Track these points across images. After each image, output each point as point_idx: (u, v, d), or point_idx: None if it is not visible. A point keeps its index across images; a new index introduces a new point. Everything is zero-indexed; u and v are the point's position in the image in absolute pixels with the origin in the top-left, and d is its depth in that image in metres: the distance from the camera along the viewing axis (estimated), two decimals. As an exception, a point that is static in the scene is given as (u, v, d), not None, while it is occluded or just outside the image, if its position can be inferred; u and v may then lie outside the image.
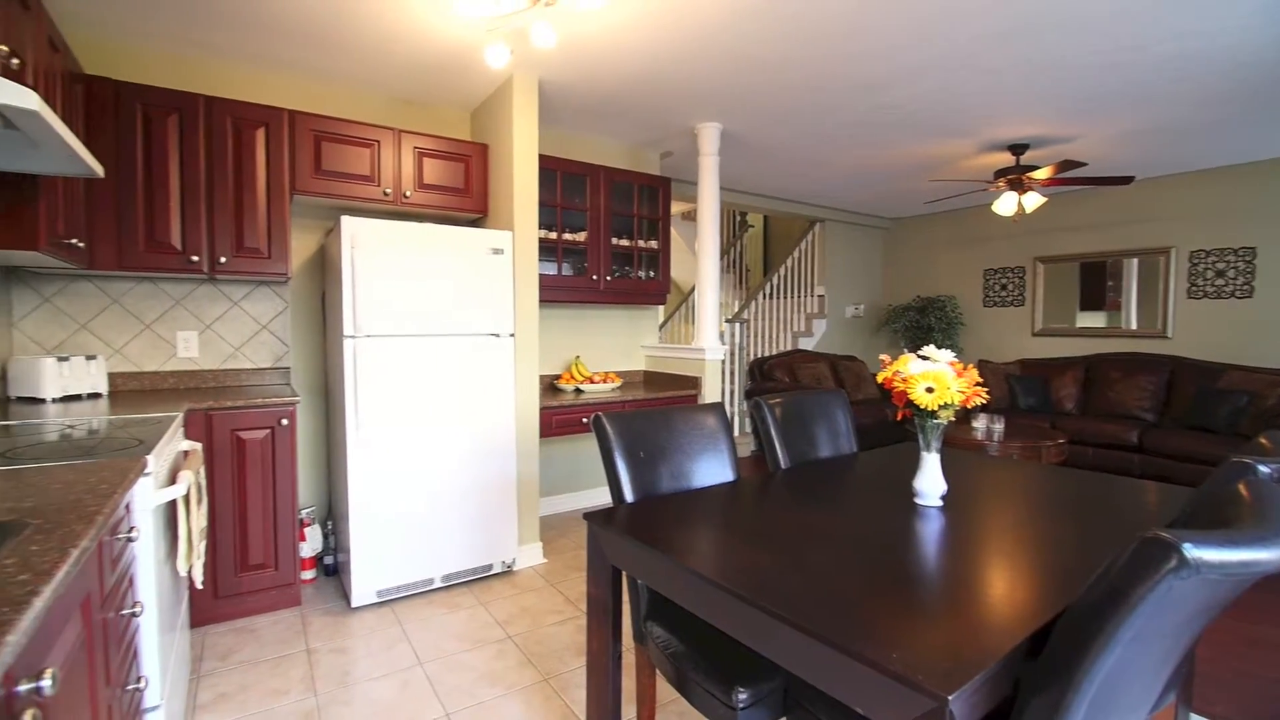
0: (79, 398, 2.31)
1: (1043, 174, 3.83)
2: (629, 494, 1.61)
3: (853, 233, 6.57)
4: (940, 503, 1.49)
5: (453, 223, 3.28)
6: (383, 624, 2.41)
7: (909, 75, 2.92)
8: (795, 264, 6.34)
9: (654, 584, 1.29)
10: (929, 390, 1.37)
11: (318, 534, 2.87)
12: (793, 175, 4.88)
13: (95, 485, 1.12)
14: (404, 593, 2.61)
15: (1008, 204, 4.15)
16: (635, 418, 1.72)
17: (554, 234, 3.46)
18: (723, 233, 7.08)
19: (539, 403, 3.06)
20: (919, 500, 1.50)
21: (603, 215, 3.62)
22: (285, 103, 2.93)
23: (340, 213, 3.01)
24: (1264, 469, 1.15)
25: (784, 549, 1.22)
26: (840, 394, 2.25)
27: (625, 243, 3.78)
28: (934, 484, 1.47)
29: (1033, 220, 5.57)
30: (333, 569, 2.90)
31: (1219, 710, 1.90)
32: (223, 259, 2.52)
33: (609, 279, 3.67)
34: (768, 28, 2.46)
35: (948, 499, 1.52)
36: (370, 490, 2.50)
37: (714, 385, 3.60)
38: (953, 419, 1.43)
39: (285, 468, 2.47)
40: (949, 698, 0.73)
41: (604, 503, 4.00)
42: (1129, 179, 3.89)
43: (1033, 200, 4.15)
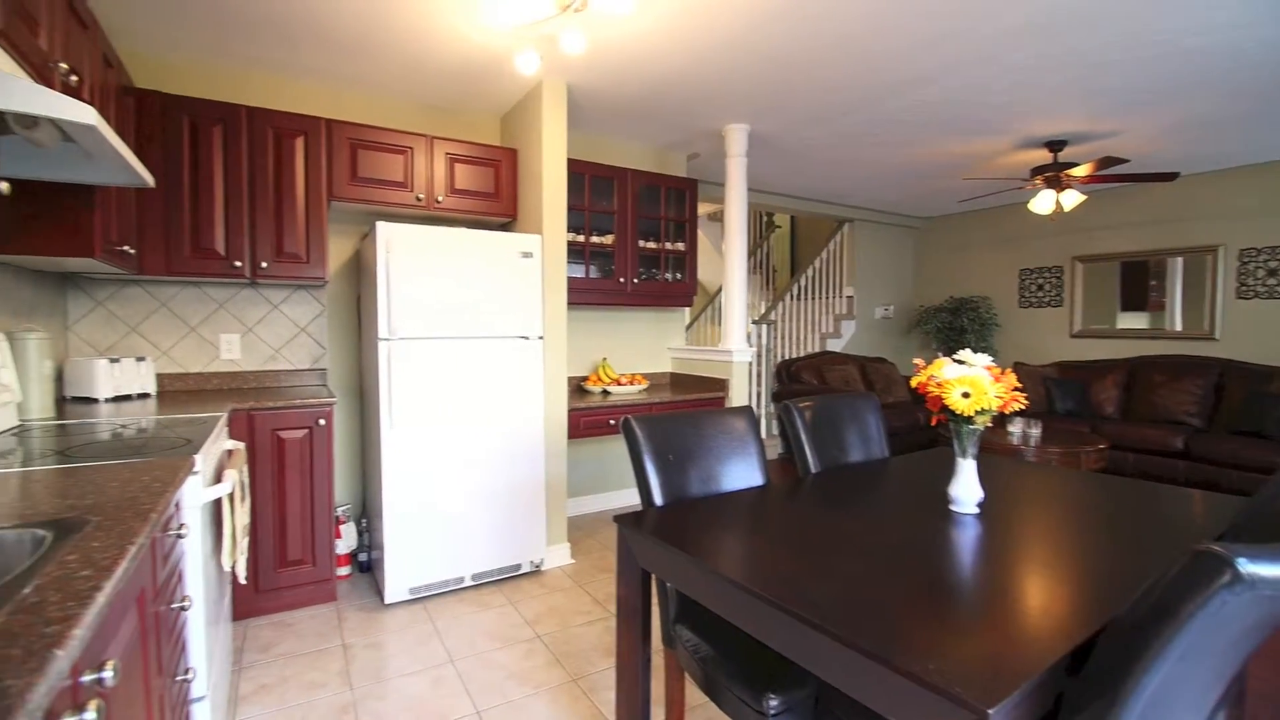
0: (129, 397, 2.41)
1: (1082, 171, 3.72)
2: (658, 497, 1.62)
3: (882, 232, 6.47)
4: (977, 510, 1.46)
5: (483, 226, 3.33)
6: (415, 621, 2.46)
7: (941, 72, 2.86)
8: (823, 265, 6.27)
9: (685, 588, 1.29)
10: (965, 395, 1.34)
11: (352, 531, 2.94)
12: (821, 175, 4.83)
13: (149, 484, 1.17)
14: (436, 590, 2.65)
15: (1045, 202, 4.04)
16: (664, 421, 1.72)
17: (581, 237, 3.48)
18: (749, 233, 7.04)
19: (567, 404, 3.08)
20: (954, 507, 1.47)
21: (630, 218, 3.63)
22: (322, 111, 3.02)
23: (374, 218, 3.09)
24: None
25: (817, 555, 1.21)
26: (871, 397, 2.22)
27: (652, 245, 3.78)
28: (970, 491, 1.44)
29: (1071, 218, 5.40)
30: (367, 566, 2.97)
31: (1273, 730, 1.82)
32: (264, 264, 2.60)
33: (636, 281, 3.68)
34: (796, 27, 2.45)
35: (984, 506, 1.49)
36: (403, 489, 2.55)
37: (741, 387, 3.58)
38: (989, 424, 1.40)
39: (322, 466, 2.54)
40: (989, 711, 0.72)
41: (630, 504, 4.01)
42: (1173, 175, 3.76)
43: (1071, 198, 4.03)
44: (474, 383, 2.70)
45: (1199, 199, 4.73)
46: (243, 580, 1.84)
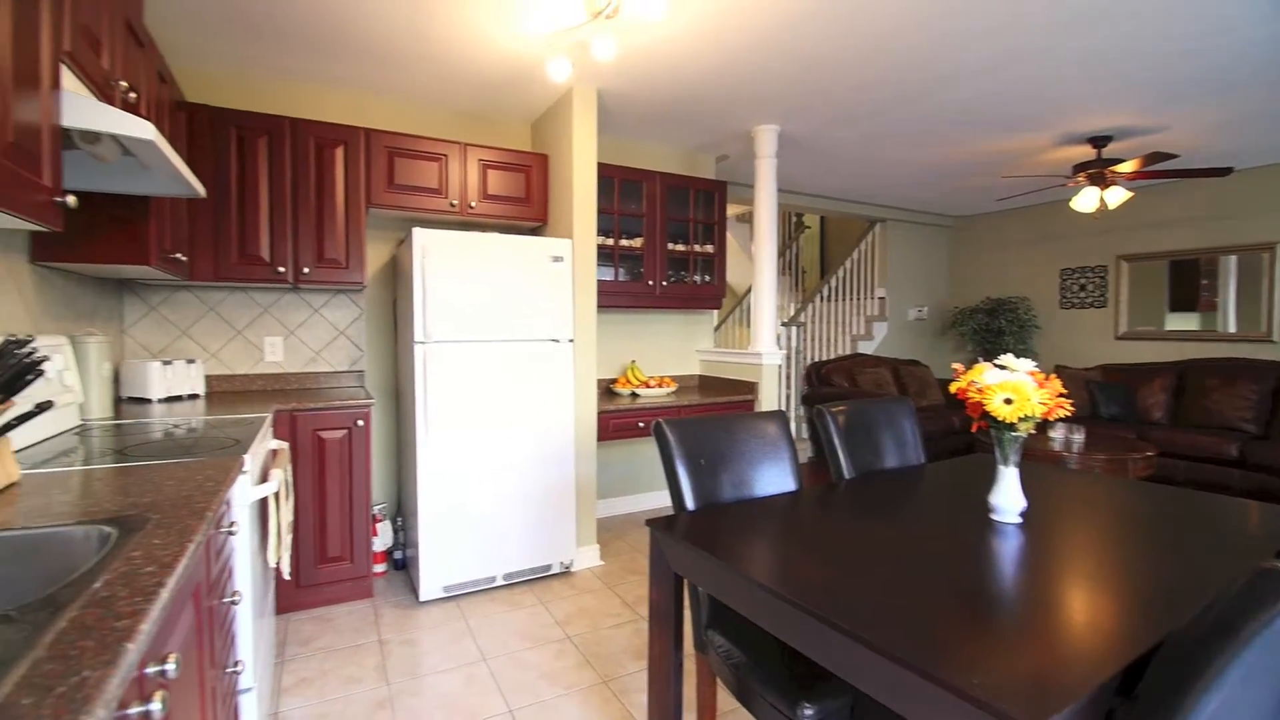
0: (180, 398, 2.51)
1: (1128, 167, 3.59)
2: (690, 501, 1.62)
3: (916, 232, 6.34)
4: (1019, 519, 1.42)
5: (514, 231, 3.37)
6: (449, 619, 2.50)
7: (979, 69, 2.80)
8: (854, 265, 6.17)
9: (718, 594, 1.29)
10: (1007, 402, 1.31)
11: (388, 529, 3.01)
12: (853, 175, 4.76)
13: (202, 483, 1.22)
14: (468, 589, 2.70)
15: (1088, 200, 3.91)
16: (696, 424, 1.72)
17: (611, 240, 3.50)
18: (779, 234, 6.97)
19: (596, 406, 3.10)
20: (996, 516, 1.43)
21: (658, 220, 3.64)
22: (359, 120, 3.10)
23: (409, 224, 3.16)
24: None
25: (853, 563, 1.20)
26: (906, 402, 2.18)
27: (681, 247, 3.78)
28: (1012, 499, 1.40)
29: (1116, 216, 5.21)
30: (402, 563, 3.03)
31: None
32: (306, 269, 2.69)
33: (664, 284, 3.69)
34: (828, 27, 2.42)
35: (1027, 515, 1.45)
36: (438, 489, 2.60)
37: (771, 390, 3.55)
38: (1032, 431, 1.37)
39: (361, 466, 2.60)
40: (1037, 729, 0.70)
41: (658, 506, 4.02)
42: (1227, 170, 3.60)
43: (1116, 195, 3.89)
44: (505, 385, 2.74)
45: (1254, 194, 4.51)
46: (286, 576, 1.90)
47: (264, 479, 1.76)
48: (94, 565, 0.80)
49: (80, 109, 1.25)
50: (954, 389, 1.42)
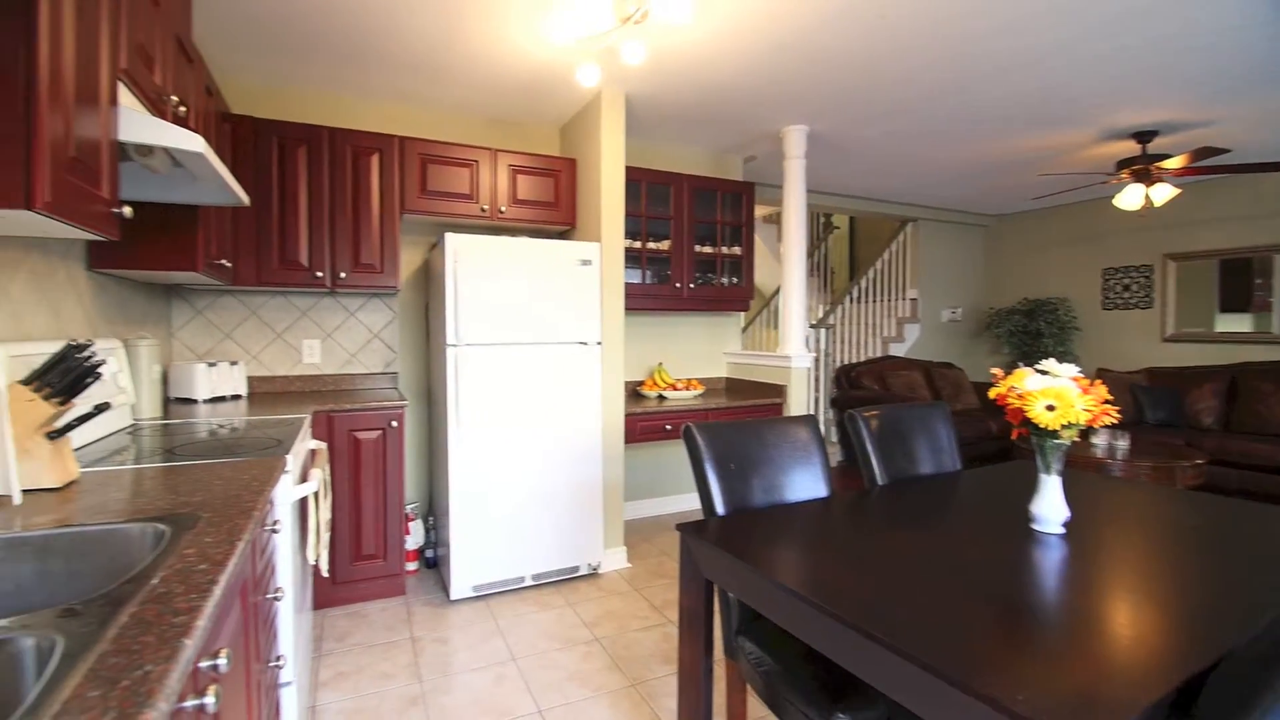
0: (224, 399, 2.60)
1: (1175, 163, 3.45)
2: (720, 506, 1.61)
3: (949, 232, 6.20)
4: (1062, 530, 1.38)
5: (543, 235, 3.41)
6: (479, 618, 2.54)
7: (1018, 63, 2.72)
8: (885, 266, 6.07)
9: (750, 600, 1.28)
10: (1050, 408, 1.27)
11: (420, 528, 3.07)
12: (883, 175, 4.68)
13: (248, 482, 1.26)
14: (498, 589, 2.73)
15: (1133, 197, 3.78)
16: (726, 429, 1.71)
17: (638, 243, 3.51)
18: (807, 235, 6.90)
19: (624, 409, 3.11)
20: (1037, 526, 1.39)
21: (686, 223, 3.64)
22: (394, 129, 3.17)
23: (441, 229, 3.22)
24: None
25: (889, 571, 1.18)
26: (942, 406, 2.14)
27: (708, 249, 3.77)
28: (1055, 509, 1.36)
29: (1161, 214, 5.02)
30: (433, 562, 3.09)
31: None
32: (342, 274, 2.76)
33: (692, 286, 3.68)
34: (856, 26, 2.39)
35: (1070, 526, 1.41)
36: (469, 489, 2.64)
37: (800, 394, 3.51)
38: (1075, 439, 1.32)
39: (394, 466, 2.66)
40: (1085, 748, 0.68)
41: (685, 509, 4.01)
42: (1284, 165, 3.43)
43: (1162, 192, 3.74)
44: (535, 387, 2.77)
45: (1314, 190, 4.30)
46: (324, 573, 1.95)
47: (304, 478, 1.81)
48: (151, 562, 0.84)
49: (135, 124, 1.31)
50: (993, 395, 1.38)
